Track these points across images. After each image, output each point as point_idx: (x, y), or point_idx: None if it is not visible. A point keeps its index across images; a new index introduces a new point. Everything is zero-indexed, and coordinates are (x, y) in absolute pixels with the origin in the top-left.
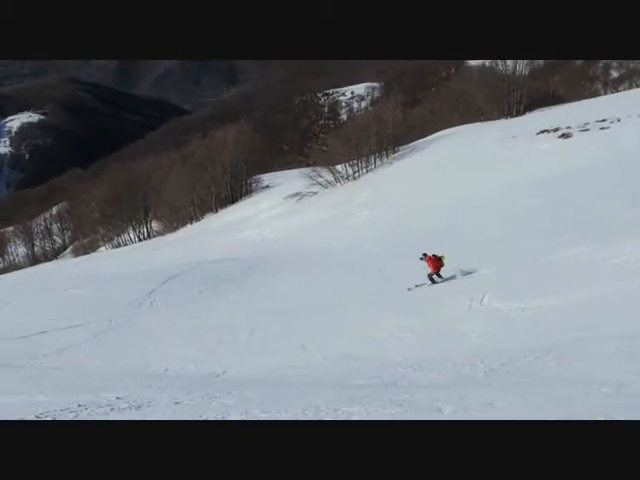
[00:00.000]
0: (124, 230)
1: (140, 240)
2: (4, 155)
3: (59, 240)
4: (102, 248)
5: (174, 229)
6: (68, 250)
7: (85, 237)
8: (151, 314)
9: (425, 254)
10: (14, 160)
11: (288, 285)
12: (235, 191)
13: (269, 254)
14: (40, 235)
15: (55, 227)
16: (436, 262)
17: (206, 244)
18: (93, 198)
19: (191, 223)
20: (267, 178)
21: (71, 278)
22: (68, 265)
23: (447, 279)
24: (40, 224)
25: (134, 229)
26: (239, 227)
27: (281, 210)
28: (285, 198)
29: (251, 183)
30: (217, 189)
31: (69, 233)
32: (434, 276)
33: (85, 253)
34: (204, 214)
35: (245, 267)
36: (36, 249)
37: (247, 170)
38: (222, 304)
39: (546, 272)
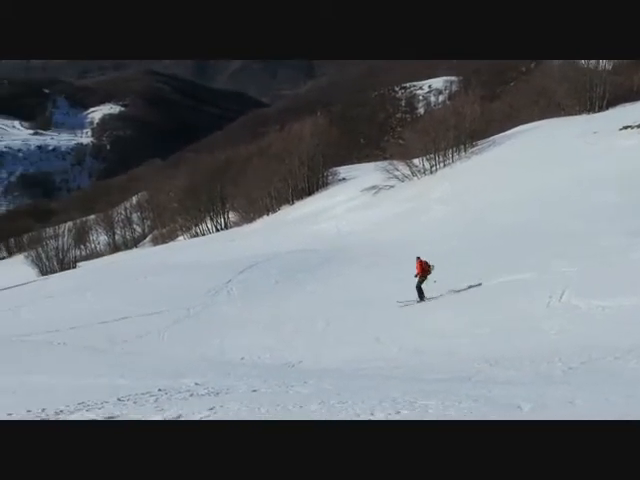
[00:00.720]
0: (202, 220)
1: (217, 230)
2: (86, 145)
3: (139, 229)
4: (180, 237)
5: (251, 220)
6: (147, 239)
7: (164, 226)
8: (228, 303)
9: (418, 257)
10: (96, 150)
11: (363, 277)
12: (312, 183)
13: (345, 246)
14: (120, 224)
15: (135, 216)
16: (425, 267)
17: (282, 235)
18: (172, 188)
19: (267, 214)
20: (344, 171)
21: (150, 266)
22: (148, 253)
23: (431, 298)
24: (121, 213)
25: (211, 219)
26: (315, 219)
27: (357, 203)
28: (361, 191)
29: (328, 175)
30: (294, 181)
31: (148, 222)
32: (420, 284)
33: (164, 242)
34: (280, 206)
35: (321, 259)
36: (117, 237)
37: (324, 162)
38: (298, 294)
39: (628, 271)
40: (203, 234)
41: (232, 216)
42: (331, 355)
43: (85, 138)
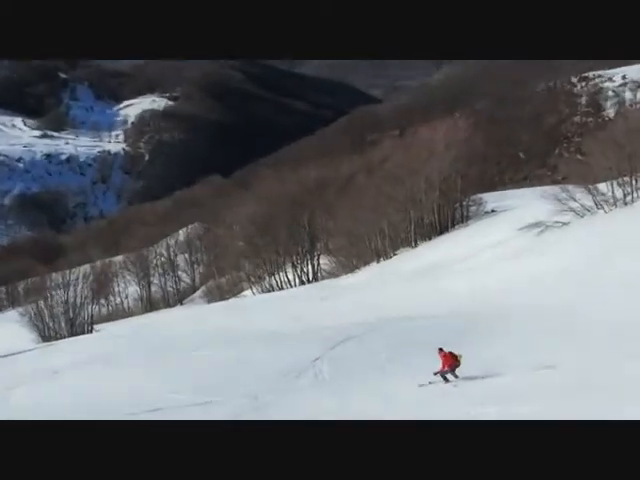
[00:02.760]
0: (280, 267)
1: (302, 283)
2: (115, 155)
3: (186, 278)
4: (247, 292)
5: (352, 269)
6: (198, 293)
7: (223, 275)
8: (316, 390)
9: (441, 349)
10: (129, 162)
11: (519, 362)
12: (444, 217)
13: (490, 313)
14: (160, 270)
15: (181, 259)
16: (451, 360)
17: (397, 294)
18: (237, 219)
19: (377, 261)
20: (492, 199)
21: (203, 334)
22: (198, 315)
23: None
24: (161, 254)
25: (294, 267)
26: (446, 271)
27: (512, 248)
28: (519, 230)
29: (468, 206)
30: (418, 213)
31: (200, 269)
32: (447, 375)
33: (222, 298)
34: (397, 249)
35: (452, 331)
36: (153, 289)
37: (463, 187)
38: (415, 382)
39: None
40: (281, 288)
41: (325, 262)
42: None
43: (114, 144)
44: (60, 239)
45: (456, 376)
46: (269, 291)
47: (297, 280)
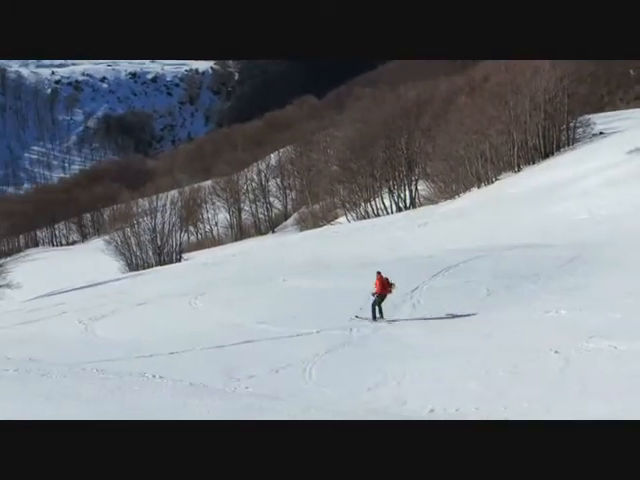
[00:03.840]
0: (376, 193)
1: (399, 209)
2: (203, 74)
3: (278, 204)
4: (341, 219)
5: (451, 195)
6: (290, 220)
7: (317, 201)
8: (412, 323)
9: (379, 273)
10: (218, 82)
11: (631, 294)
12: (549, 139)
13: (599, 240)
14: (251, 196)
15: (273, 184)
16: (381, 286)
17: (500, 220)
18: (331, 142)
19: (478, 187)
20: (601, 120)
21: (295, 263)
22: (291, 243)
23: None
24: (252, 179)
25: (390, 192)
26: (552, 196)
27: (622, 171)
28: (629, 153)
29: (576, 127)
30: (521, 135)
31: (293, 194)
32: (377, 304)
33: (316, 225)
34: (499, 173)
35: (560, 260)
36: (244, 216)
37: (570, 107)
38: (521, 314)
39: None
40: (377, 214)
41: (423, 188)
42: (574, 412)
43: (202, 62)
44: (147, 163)
45: (381, 313)
46: (364, 218)
47: (394, 206)
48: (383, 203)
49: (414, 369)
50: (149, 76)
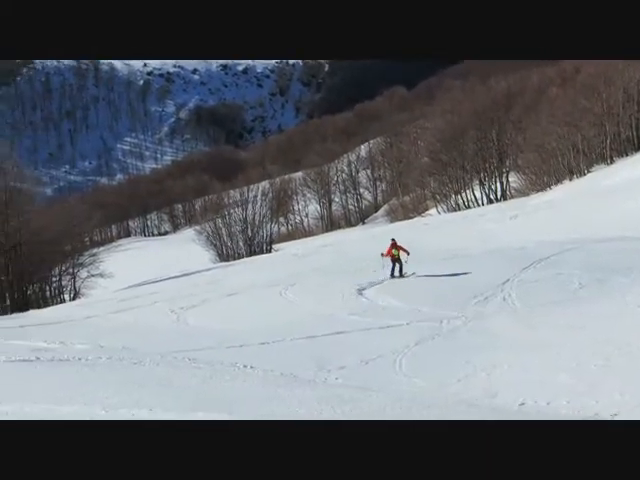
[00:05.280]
0: (466, 185)
1: (490, 201)
2: (294, 66)
3: (368, 196)
4: (431, 211)
5: (543, 187)
6: (380, 211)
7: (407, 193)
8: (503, 315)
9: (393, 240)
10: (308, 73)
11: None
12: None
13: None
14: (341, 187)
15: (363, 175)
16: (391, 251)
17: (592, 212)
18: (421, 134)
19: (570, 179)
20: None
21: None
22: (381, 234)
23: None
24: (342, 170)
25: (481, 184)
26: None
27: None
28: None
29: None
30: (614, 127)
31: (383, 186)
32: (394, 268)
33: (406, 217)
34: (591, 165)
35: None
36: (334, 207)
37: None
38: (614, 308)
39: None
40: (467, 206)
41: (514, 179)
42: None
43: None
44: (237, 154)
45: (394, 273)
46: (455, 210)
47: (484, 198)
48: (474, 195)
49: (504, 361)
50: (240, 68)
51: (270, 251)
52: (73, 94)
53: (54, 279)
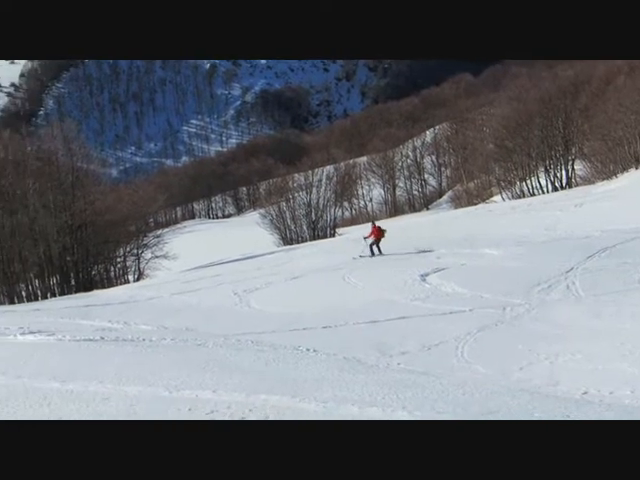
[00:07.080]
0: (531, 172)
1: (555, 189)
2: None
3: (433, 182)
4: (496, 197)
5: (609, 175)
6: (445, 197)
7: (472, 179)
8: (566, 303)
9: (373, 222)
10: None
11: None
12: None
13: None
14: (405, 172)
15: (428, 161)
16: (378, 233)
17: None
18: (487, 121)
19: (636, 167)
20: None
21: (449, 240)
22: (445, 220)
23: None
24: (406, 155)
25: (547, 171)
26: None
27: None
28: None
29: None
30: None
31: (447, 172)
32: (374, 247)
33: (470, 204)
34: None
35: None
36: (398, 193)
37: None
38: None
39: None
40: (532, 193)
41: (580, 167)
42: None
43: None
44: (302, 138)
45: (380, 251)
46: (519, 197)
47: (550, 186)
48: (539, 182)
49: (567, 350)
50: None
51: (334, 235)
52: (140, 76)
53: (119, 260)
